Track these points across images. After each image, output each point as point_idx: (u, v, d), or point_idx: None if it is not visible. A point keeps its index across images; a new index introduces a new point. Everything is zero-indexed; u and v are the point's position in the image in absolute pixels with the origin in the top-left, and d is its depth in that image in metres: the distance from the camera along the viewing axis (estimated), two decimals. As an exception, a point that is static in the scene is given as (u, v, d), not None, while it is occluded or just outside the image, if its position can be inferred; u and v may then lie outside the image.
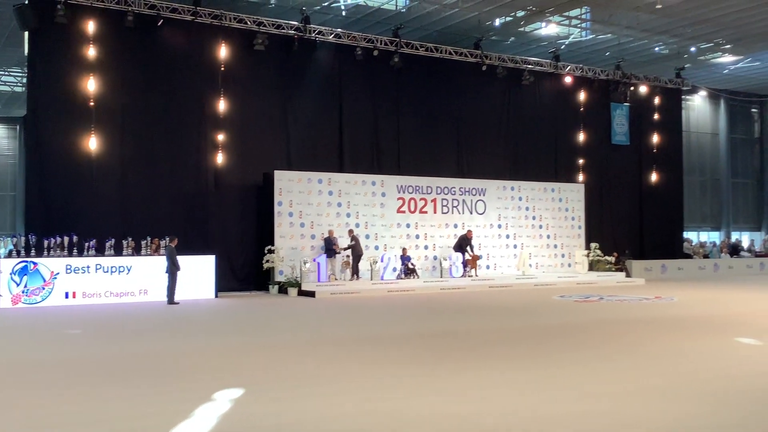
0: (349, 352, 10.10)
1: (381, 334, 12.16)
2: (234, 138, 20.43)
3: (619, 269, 24.92)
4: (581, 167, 26.66)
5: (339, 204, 21.29)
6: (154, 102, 19.43)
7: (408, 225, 22.41)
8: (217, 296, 18.21)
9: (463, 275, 22.04)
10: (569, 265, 25.21)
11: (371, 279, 20.57)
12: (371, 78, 22.69)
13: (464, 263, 22.15)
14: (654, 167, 28.29)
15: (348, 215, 21.39)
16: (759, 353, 10.05)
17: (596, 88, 26.83)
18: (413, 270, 21.61)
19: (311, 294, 18.72)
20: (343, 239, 20.85)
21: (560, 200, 25.39)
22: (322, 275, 20.01)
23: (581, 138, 26.70)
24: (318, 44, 21.76)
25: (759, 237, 34.37)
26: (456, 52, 23.84)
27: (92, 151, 18.57)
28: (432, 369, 8.68)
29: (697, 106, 33.08)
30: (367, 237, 21.43)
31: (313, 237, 20.65)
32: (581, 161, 26.69)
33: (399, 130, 23.27)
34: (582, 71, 26.50)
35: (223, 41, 20.27)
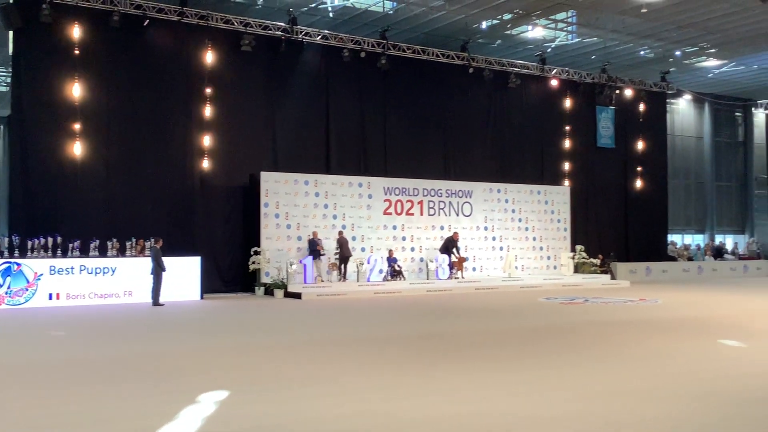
0: (336, 354, 10.09)
1: (368, 336, 12.15)
2: (220, 139, 20.36)
3: (604, 271, 25.04)
4: (567, 170, 26.80)
5: (326, 205, 21.26)
6: (140, 102, 19.32)
7: (394, 227, 22.42)
8: (203, 298, 18.13)
9: (450, 277, 22.08)
10: (555, 268, 25.31)
11: (357, 281, 20.56)
12: (358, 80, 22.69)
13: (450, 265, 22.19)
14: (639, 170, 28.46)
15: (334, 217, 21.36)
16: (742, 355, 10.14)
17: (582, 92, 26.98)
18: (399, 272, 21.61)
19: (297, 296, 18.69)
20: (330, 241, 20.84)
21: (546, 203, 25.49)
22: (309, 277, 19.97)
23: (567, 141, 26.84)
24: (305, 45, 21.74)
25: (742, 240, 34.65)
26: (443, 55, 23.89)
27: (77, 151, 18.44)
28: (421, 371, 8.69)
29: (682, 110, 33.31)
30: (354, 239, 21.40)
31: (300, 239, 20.61)
32: (567, 164, 26.83)
33: (386, 132, 23.28)
34: (568, 74, 26.63)
35: (210, 42, 20.20)
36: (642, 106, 28.47)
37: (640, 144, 28.55)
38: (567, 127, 26.87)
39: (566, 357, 9.77)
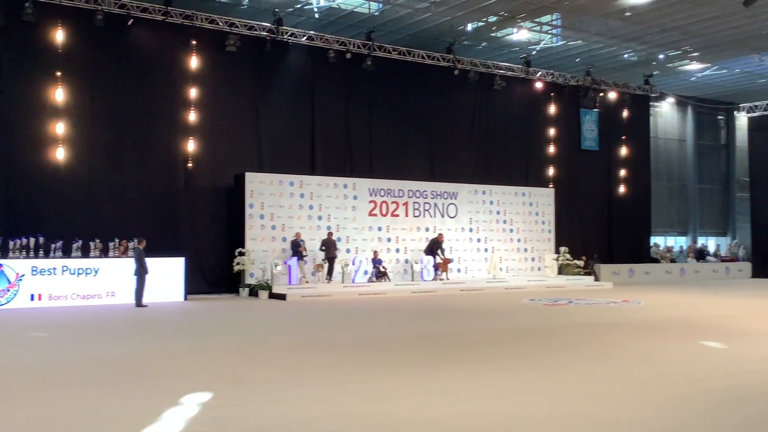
0: (321, 356, 10.07)
1: (353, 338, 12.14)
2: (205, 139, 20.28)
3: (588, 273, 25.18)
4: (551, 172, 26.93)
5: (311, 206, 21.22)
6: (124, 102, 19.20)
7: (379, 228, 22.42)
8: (187, 299, 18.03)
9: (435, 278, 22.11)
10: (539, 269, 25.41)
11: (342, 282, 20.53)
12: (344, 81, 22.68)
13: (435, 266, 22.22)
14: (622, 173, 28.67)
15: (320, 218, 21.33)
16: (724, 356, 10.23)
17: (566, 94, 27.12)
18: (384, 273, 21.61)
19: (282, 297, 18.63)
20: (315, 242, 20.81)
21: (531, 204, 25.59)
22: (294, 278, 19.92)
23: (551, 143, 26.98)
24: (290, 46, 21.70)
25: (725, 242, 34.95)
26: (428, 56, 23.93)
27: (59, 151, 18.29)
28: (406, 372, 8.68)
29: (665, 113, 33.53)
30: (339, 240, 21.37)
31: (285, 240, 20.55)
32: (551, 166, 26.97)
33: (371, 133, 23.28)
34: (552, 77, 26.76)
35: (195, 42, 20.11)
36: (625, 109, 28.67)
37: (624, 146, 28.75)
38: (551, 130, 27.02)
39: (550, 358, 9.81)
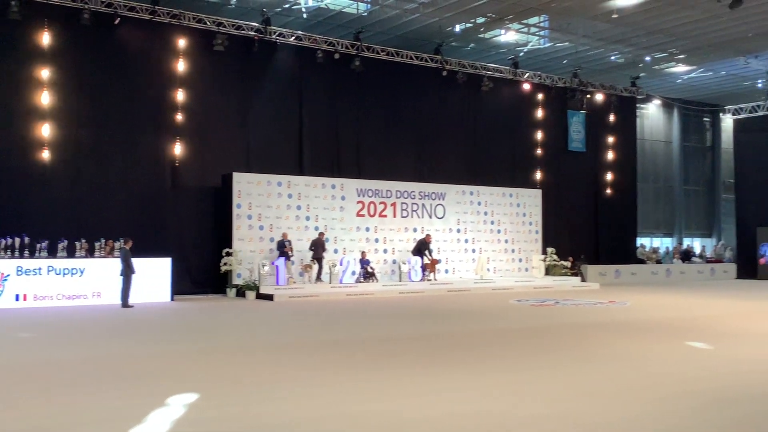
0: (309, 356, 10.05)
1: (340, 338, 12.13)
2: (192, 139, 20.20)
3: (575, 274, 25.28)
4: (539, 173, 27.03)
5: (298, 207, 21.19)
6: (111, 101, 19.09)
7: (367, 228, 22.42)
8: (173, 299, 17.96)
9: (422, 279, 22.13)
10: (526, 270, 25.50)
11: (330, 282, 20.51)
12: (332, 81, 22.65)
13: (423, 267, 22.24)
14: (609, 174, 28.80)
15: (307, 218, 21.30)
16: (709, 356, 10.30)
17: (554, 96, 27.22)
18: (372, 274, 21.61)
19: (269, 297, 18.59)
20: (303, 242, 20.80)
21: (518, 205, 25.68)
22: (281, 278, 19.88)
23: (539, 144, 27.06)
24: (278, 46, 21.65)
25: (710, 243, 35.21)
26: (417, 57, 23.95)
27: (45, 150, 18.17)
28: (392, 373, 8.69)
29: (651, 115, 33.76)
30: (327, 240, 21.34)
31: (272, 240, 20.50)
32: (539, 167, 27.06)
33: (359, 134, 23.27)
34: (540, 78, 26.86)
35: (182, 41, 20.03)
36: (612, 111, 28.80)
37: (611, 148, 28.89)
38: (539, 131, 27.11)
39: (536, 359, 9.85)
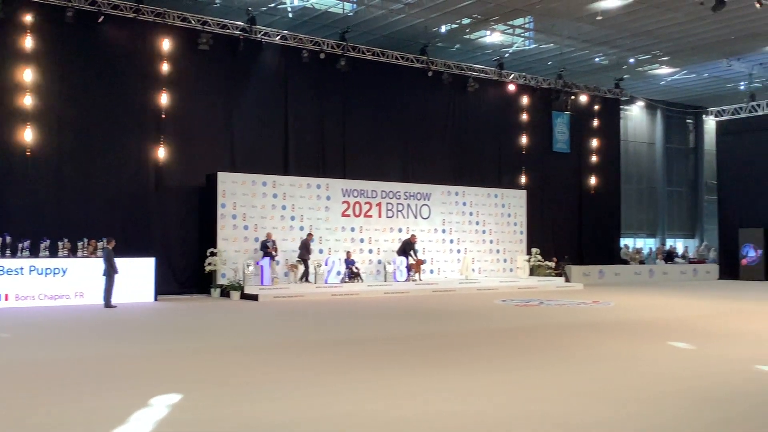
0: (293, 357, 10.03)
1: (326, 339, 12.11)
2: (176, 138, 20.08)
3: (559, 274, 25.40)
4: (523, 174, 27.13)
5: (283, 207, 21.13)
6: (94, 100, 18.94)
7: (353, 229, 22.40)
8: (157, 299, 17.85)
9: (407, 279, 22.14)
10: (511, 270, 25.57)
11: (315, 282, 20.47)
12: (318, 81, 22.61)
13: (408, 267, 22.26)
14: (593, 175, 28.97)
15: (292, 218, 21.25)
16: (691, 356, 10.38)
17: (538, 97, 27.34)
18: (357, 274, 21.59)
19: (254, 297, 18.53)
20: (287, 242, 20.74)
21: (503, 206, 25.76)
22: (266, 278, 19.82)
23: (524, 145, 27.17)
24: (264, 45, 21.59)
25: (693, 244, 35.50)
26: (402, 58, 23.96)
27: (28, 150, 17.99)
28: (379, 373, 8.68)
29: (635, 116, 33.98)
30: (312, 240, 21.30)
31: (257, 240, 20.44)
32: (524, 168, 27.16)
33: (345, 134, 23.24)
34: (525, 79, 26.96)
35: (166, 39, 19.91)
36: (596, 112, 28.97)
37: (595, 149, 29.06)
38: (524, 132, 27.21)
39: (521, 359, 9.88)
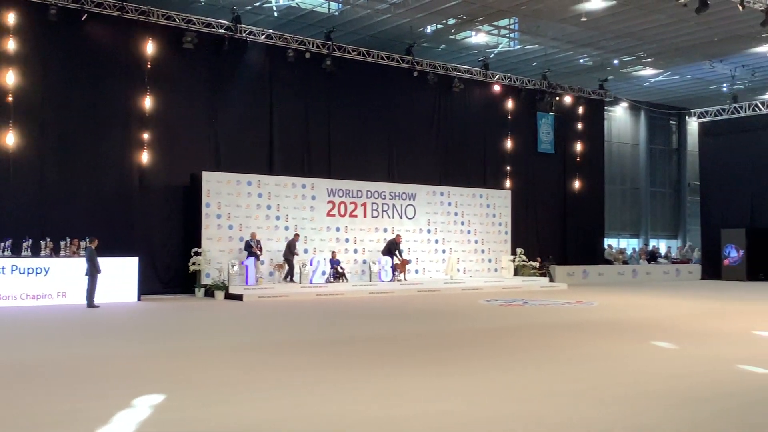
0: (277, 357, 10.00)
1: (311, 339, 12.09)
2: (160, 137, 19.97)
3: (543, 274, 25.51)
4: (508, 174, 27.22)
5: (268, 206, 21.07)
6: (77, 98, 18.81)
7: (338, 228, 22.38)
8: (140, 299, 17.74)
9: (392, 279, 22.15)
10: (496, 270, 25.66)
11: (300, 282, 20.43)
12: (303, 80, 22.56)
13: (393, 267, 22.27)
14: (577, 175, 29.10)
15: (277, 218, 21.20)
16: (673, 356, 10.46)
17: (523, 98, 27.43)
18: (342, 274, 21.58)
19: (239, 297, 18.46)
20: (272, 242, 20.69)
21: (488, 206, 25.83)
22: (250, 278, 19.75)
23: (509, 146, 27.26)
24: (249, 45, 21.51)
25: (675, 244, 35.78)
26: (388, 58, 23.97)
27: (9, 148, 17.83)
28: (364, 373, 8.67)
29: (619, 117, 34.22)
30: (297, 241, 21.22)
31: (242, 239, 20.36)
32: (508, 168, 27.25)
33: (330, 134, 23.21)
34: (510, 80, 27.05)
35: (151, 38, 19.79)
36: (581, 113, 29.11)
37: (579, 150, 29.21)
38: (509, 132, 27.30)
39: (505, 359, 9.91)
